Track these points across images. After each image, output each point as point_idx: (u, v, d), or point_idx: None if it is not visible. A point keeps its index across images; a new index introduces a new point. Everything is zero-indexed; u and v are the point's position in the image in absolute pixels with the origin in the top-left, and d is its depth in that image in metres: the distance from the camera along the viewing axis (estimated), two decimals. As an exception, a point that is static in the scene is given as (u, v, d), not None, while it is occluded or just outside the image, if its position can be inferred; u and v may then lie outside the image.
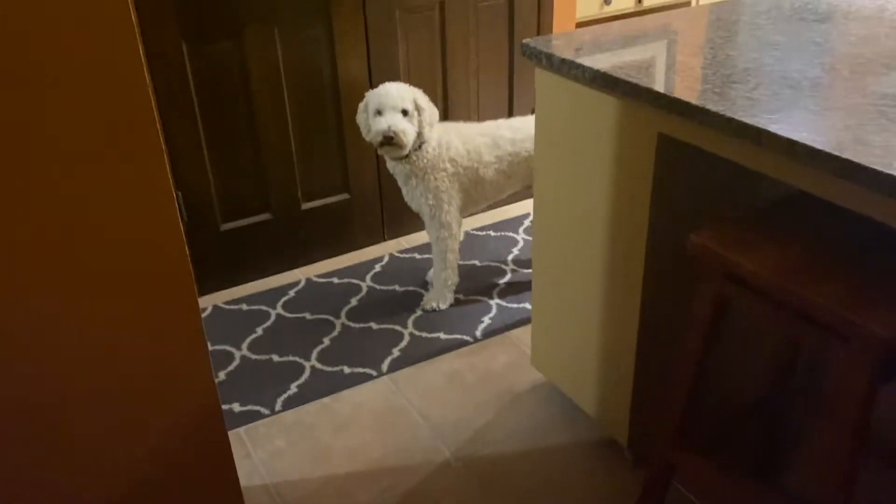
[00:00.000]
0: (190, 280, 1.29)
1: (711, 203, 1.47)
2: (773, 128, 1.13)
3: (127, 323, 1.26)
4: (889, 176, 0.99)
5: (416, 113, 2.12)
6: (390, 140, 2.11)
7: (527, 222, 2.80)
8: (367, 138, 2.19)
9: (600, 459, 1.79)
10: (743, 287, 1.20)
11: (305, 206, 2.54)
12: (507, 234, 2.74)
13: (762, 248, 1.19)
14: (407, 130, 2.10)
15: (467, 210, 2.36)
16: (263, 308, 2.38)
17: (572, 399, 1.87)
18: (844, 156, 1.04)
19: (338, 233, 2.63)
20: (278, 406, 1.98)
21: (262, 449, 1.85)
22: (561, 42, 1.60)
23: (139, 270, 1.23)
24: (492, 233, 2.75)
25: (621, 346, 1.62)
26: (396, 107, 2.10)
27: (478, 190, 2.32)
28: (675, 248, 1.46)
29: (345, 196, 2.60)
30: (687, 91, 1.30)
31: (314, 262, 2.61)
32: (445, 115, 2.64)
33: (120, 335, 1.26)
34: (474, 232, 2.75)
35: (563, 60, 1.50)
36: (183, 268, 1.28)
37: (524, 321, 2.28)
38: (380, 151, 2.19)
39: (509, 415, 1.94)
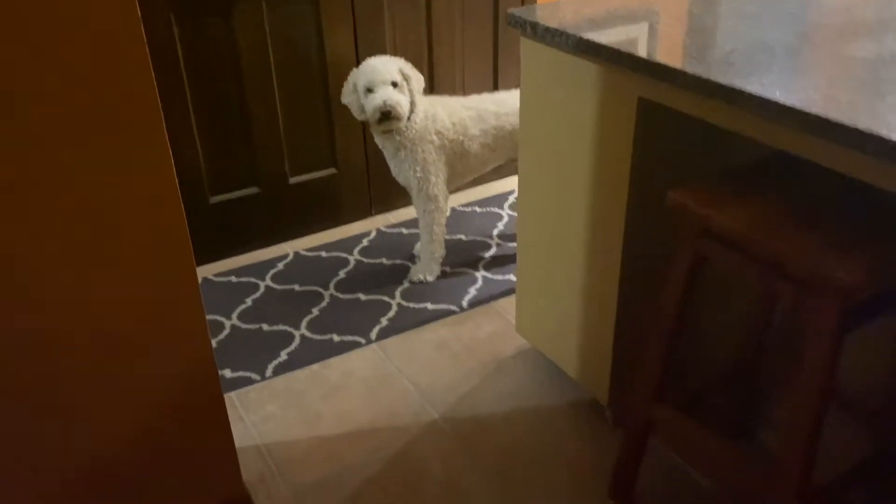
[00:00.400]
0: (186, 241, 1.32)
1: (690, 165, 1.53)
2: (748, 88, 1.18)
3: (128, 286, 1.29)
4: (854, 130, 1.04)
5: (404, 83, 2.16)
6: (388, 114, 2.14)
7: (511, 198, 2.85)
8: (361, 118, 2.22)
9: (582, 419, 1.84)
10: (718, 242, 1.25)
11: (293, 180, 2.57)
12: (492, 209, 2.79)
13: (737, 205, 1.24)
14: (402, 102, 2.14)
15: (452, 184, 2.40)
16: (252, 280, 2.41)
17: (555, 363, 1.93)
18: (813, 111, 1.09)
19: (325, 207, 2.66)
20: (269, 372, 2.02)
21: (254, 413, 1.89)
22: (545, 12, 1.64)
23: (139, 234, 1.26)
24: (477, 209, 2.80)
25: (602, 308, 1.68)
26: (386, 81, 2.13)
27: (463, 163, 2.36)
28: (655, 210, 1.52)
29: (332, 171, 2.63)
30: (666, 56, 1.35)
31: (302, 236, 2.65)
32: (431, 90, 2.67)
33: (121, 297, 1.29)
34: (461, 208, 2.79)
35: (547, 29, 1.55)
36: (181, 230, 1.31)
37: (509, 292, 2.33)
38: (379, 129, 2.21)
39: (495, 379, 1.99)
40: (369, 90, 2.14)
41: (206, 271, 2.45)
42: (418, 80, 2.21)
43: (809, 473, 1.24)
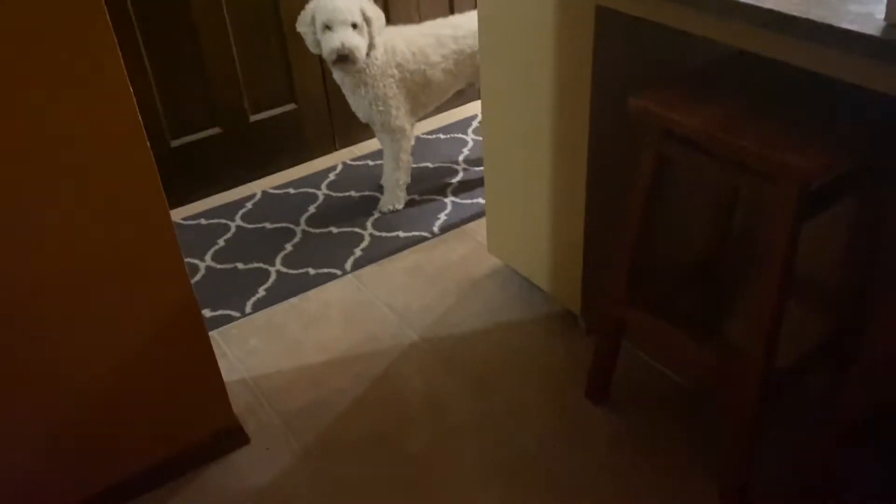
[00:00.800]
0: (156, 180, 1.32)
1: (650, 70, 1.55)
2: (703, -13, 1.20)
3: (104, 230, 1.29)
4: (806, 21, 1.07)
5: (364, 24, 2.11)
6: (345, 58, 2.09)
7: (475, 123, 2.85)
8: (315, 51, 2.17)
9: (556, 330, 1.91)
10: (680, 143, 1.29)
11: (253, 118, 2.53)
12: (456, 135, 2.79)
13: (696, 106, 1.27)
14: (360, 45, 2.09)
15: (416, 114, 2.39)
16: (223, 221, 2.41)
17: (528, 278, 1.98)
18: (766, 6, 1.12)
19: (289, 144, 2.64)
20: (248, 309, 2.04)
21: (237, 348, 1.92)
22: (498, -76, 1.62)
23: (108, 175, 1.26)
24: (441, 136, 2.80)
25: (571, 220, 1.72)
26: (346, 21, 2.07)
27: (426, 92, 2.34)
28: (618, 119, 1.55)
29: (292, 106, 2.60)
30: (621, -39, 1.35)
31: (268, 174, 2.63)
32: (387, 15, 2.63)
33: (99, 242, 1.29)
34: (425, 136, 2.79)
35: (502, -59, 1.53)
36: (149, 169, 1.31)
37: (478, 215, 2.36)
38: (333, 69, 2.18)
39: (470, 299, 2.04)
40: (327, 27, 2.09)
41: (174, 216, 2.43)
42: (379, 19, 2.15)
43: (772, 359, 1.32)
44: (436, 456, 1.61)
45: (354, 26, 2.08)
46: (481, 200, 2.43)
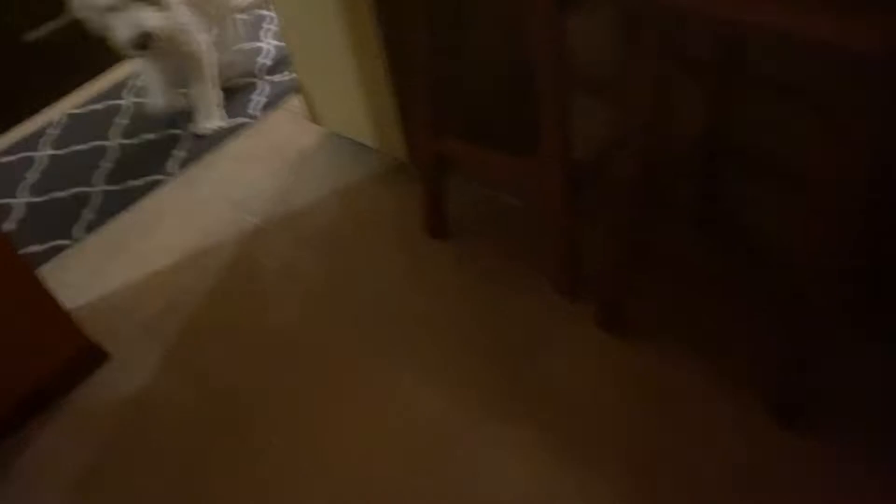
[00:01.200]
0: None
1: None
2: None
3: None
4: None
5: None
6: (145, 45, 1.87)
7: (275, -3, 2.74)
8: (104, 34, 1.95)
9: (391, 181, 1.98)
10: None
11: (29, 37, 2.32)
12: (258, 13, 2.68)
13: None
14: (160, 24, 1.86)
15: (210, 30, 2.25)
16: (28, 154, 2.26)
17: (355, 139, 2.01)
18: None
19: (79, 58, 2.46)
20: (79, 233, 1.98)
21: (77, 274, 1.87)
22: None
23: None
24: (244, 17, 2.68)
25: (374, 68, 1.74)
26: None
27: (213, 4, 2.20)
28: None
29: (71, 16, 2.39)
30: None
31: (65, 95, 2.46)
32: None
33: None
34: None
35: None
36: None
37: (295, 88, 2.33)
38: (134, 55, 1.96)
39: (304, 173, 2.06)
40: (112, 9, 1.84)
41: (-29, 160, 2.26)
42: None
43: (567, 148, 1.43)
44: (301, 323, 1.68)
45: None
46: (295, 75, 2.38)
